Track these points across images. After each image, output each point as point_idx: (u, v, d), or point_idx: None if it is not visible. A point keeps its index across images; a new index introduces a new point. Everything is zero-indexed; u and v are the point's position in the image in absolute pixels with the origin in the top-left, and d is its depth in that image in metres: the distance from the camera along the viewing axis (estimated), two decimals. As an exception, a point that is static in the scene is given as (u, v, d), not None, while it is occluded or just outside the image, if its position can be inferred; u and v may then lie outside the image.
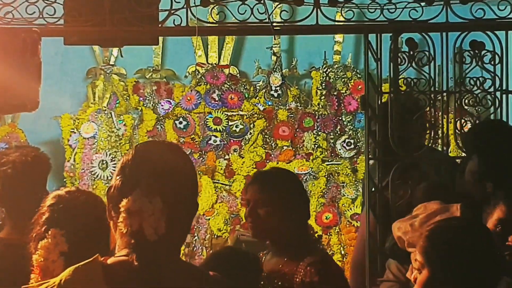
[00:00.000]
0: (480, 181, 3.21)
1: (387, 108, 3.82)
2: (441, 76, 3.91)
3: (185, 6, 3.76)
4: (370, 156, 3.91)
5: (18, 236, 3.67)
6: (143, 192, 2.09)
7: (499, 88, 3.86)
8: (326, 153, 6.31)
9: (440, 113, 3.92)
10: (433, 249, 2.57)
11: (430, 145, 3.87)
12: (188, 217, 2.20)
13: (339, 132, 6.34)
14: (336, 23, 3.92)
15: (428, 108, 3.85)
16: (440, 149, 3.91)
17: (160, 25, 3.81)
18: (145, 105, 6.33)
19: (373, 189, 3.85)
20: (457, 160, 3.87)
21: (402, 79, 3.89)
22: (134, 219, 2.08)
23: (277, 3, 3.86)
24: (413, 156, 3.80)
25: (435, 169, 3.83)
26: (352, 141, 6.27)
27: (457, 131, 3.83)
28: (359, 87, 6.22)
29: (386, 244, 3.42)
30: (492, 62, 3.85)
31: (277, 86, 6.42)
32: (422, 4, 3.83)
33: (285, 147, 6.31)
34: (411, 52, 3.84)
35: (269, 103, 6.40)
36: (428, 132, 3.86)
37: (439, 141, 3.90)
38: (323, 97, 6.37)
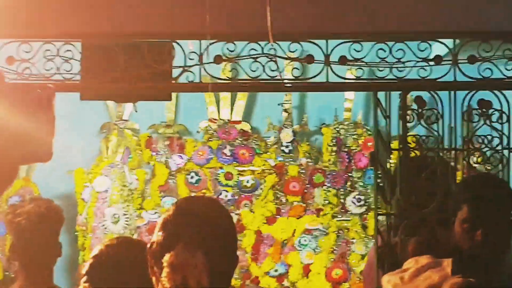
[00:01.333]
0: (469, 230, 3.23)
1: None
2: (449, 134, 3.97)
3: (198, 63, 3.85)
4: (379, 212, 3.96)
5: None
6: (186, 246, 2.17)
7: (507, 146, 3.92)
8: (336, 209, 6.35)
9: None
10: None
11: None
12: (230, 270, 2.27)
13: (349, 188, 6.38)
14: (346, 80, 4.00)
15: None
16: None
17: (173, 81, 3.90)
18: (157, 159, 6.40)
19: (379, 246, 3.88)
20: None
21: (411, 136, 3.95)
22: (177, 273, 2.14)
23: (288, 61, 3.95)
24: (422, 212, 3.84)
25: (446, 228, 3.86)
26: (362, 197, 6.31)
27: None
28: (369, 143, 6.28)
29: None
30: (500, 121, 3.92)
31: (288, 142, 6.49)
32: (431, 63, 3.91)
33: (295, 203, 6.36)
34: (420, 110, 3.91)
35: (280, 159, 6.46)
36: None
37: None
38: (333, 153, 6.43)
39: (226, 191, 6.38)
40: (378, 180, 3.98)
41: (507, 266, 3.43)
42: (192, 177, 6.38)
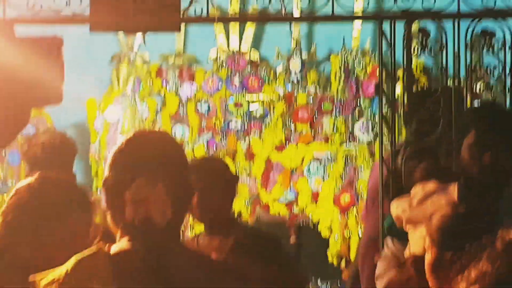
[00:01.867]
0: (476, 154, 3.31)
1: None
2: (453, 64, 4.04)
3: (206, -4, 3.92)
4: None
5: None
6: (146, 180, 2.16)
7: (510, 74, 3.99)
8: (344, 136, 6.44)
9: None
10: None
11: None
12: (188, 200, 2.28)
13: (357, 116, 6.47)
14: (351, 11, 4.05)
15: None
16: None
17: (182, 14, 3.97)
18: (168, 89, 6.49)
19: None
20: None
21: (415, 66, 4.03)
22: (141, 207, 2.14)
23: (294, -7, 4.01)
24: (426, 141, 3.94)
25: (449, 154, 3.95)
26: (370, 124, 6.40)
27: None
28: (377, 72, 6.34)
29: (384, 223, 3.57)
30: (502, 50, 3.98)
31: (297, 71, 6.55)
32: (435, -7, 3.96)
33: (304, 131, 6.46)
34: (424, 40, 3.97)
35: (289, 88, 6.53)
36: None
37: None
38: (341, 82, 6.50)
39: (236, 119, 6.48)
40: (383, 109, 4.07)
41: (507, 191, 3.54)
42: (202, 106, 6.48)
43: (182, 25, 6.09)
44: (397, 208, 3.30)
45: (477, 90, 4.08)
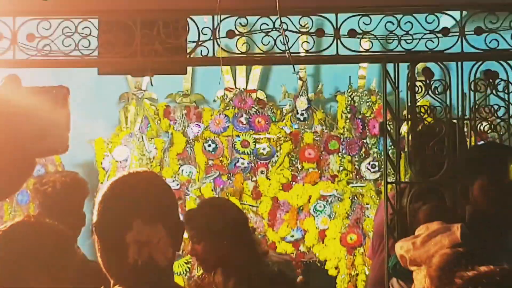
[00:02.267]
0: (491, 194, 3.35)
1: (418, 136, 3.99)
2: (457, 104, 4.07)
3: (211, 38, 3.97)
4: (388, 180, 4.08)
5: None
6: (144, 221, 2.13)
7: (512, 115, 4.03)
8: (351, 175, 6.47)
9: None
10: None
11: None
12: (181, 239, 2.26)
13: (364, 155, 6.50)
14: (355, 53, 4.10)
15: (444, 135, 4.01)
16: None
17: (188, 56, 4.02)
18: (175, 128, 6.54)
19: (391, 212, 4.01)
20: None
21: (419, 107, 4.06)
22: (143, 248, 2.12)
23: (299, 35, 4.06)
24: (430, 180, 3.96)
25: (453, 195, 3.97)
26: (376, 163, 6.43)
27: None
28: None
29: (389, 263, 3.59)
30: (506, 90, 4.02)
31: (303, 110, 6.60)
32: (438, 35, 4.01)
33: (311, 169, 6.49)
34: (428, 81, 4.01)
35: (295, 126, 6.58)
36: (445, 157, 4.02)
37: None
38: (348, 121, 6.54)
39: (243, 158, 6.52)
40: (387, 149, 4.10)
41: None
42: (209, 145, 6.52)
43: (188, 67, 6.19)
44: (401, 248, 3.32)
45: (482, 130, 4.10)
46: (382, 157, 6.39)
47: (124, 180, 2.24)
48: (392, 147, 4.23)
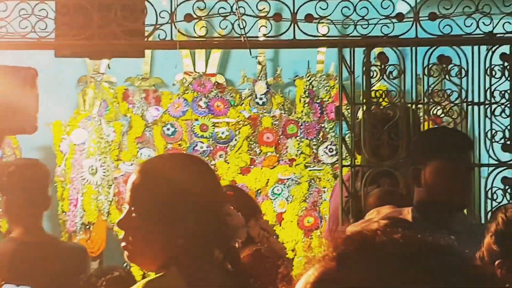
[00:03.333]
0: (441, 177, 3.40)
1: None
2: (411, 88, 4.15)
3: (169, 21, 3.99)
4: (344, 163, 4.14)
5: (34, 238, 3.96)
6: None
7: (465, 100, 4.11)
8: (308, 159, 6.53)
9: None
10: None
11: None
12: None
13: (321, 139, 6.56)
14: (312, 38, 4.14)
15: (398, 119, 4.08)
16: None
17: (145, 39, 4.04)
18: (134, 112, 6.54)
19: (346, 196, 4.07)
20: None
21: (374, 91, 4.12)
22: None
23: (257, 19, 4.09)
24: (384, 164, 4.03)
25: (407, 178, 4.03)
26: (334, 147, 6.49)
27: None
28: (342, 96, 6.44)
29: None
30: (459, 76, 4.10)
31: (262, 94, 6.64)
32: (393, 20, 4.07)
33: (269, 153, 6.54)
34: (382, 66, 4.07)
35: (254, 111, 6.62)
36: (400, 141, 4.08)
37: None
38: (306, 105, 6.59)
39: (202, 142, 6.54)
40: (343, 133, 4.17)
41: (462, 216, 3.63)
42: (168, 129, 6.54)
43: (147, 50, 6.19)
44: (352, 232, 3.38)
45: (436, 114, 4.17)
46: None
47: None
48: (348, 131, 4.28)
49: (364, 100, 4.09)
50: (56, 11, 3.93)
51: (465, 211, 3.81)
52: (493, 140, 4.09)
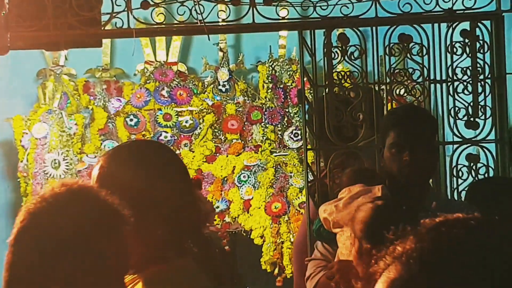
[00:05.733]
0: (396, 153, 3.39)
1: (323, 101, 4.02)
2: (373, 69, 4.12)
3: (126, 9, 3.92)
4: (308, 146, 4.11)
5: None
6: None
7: (427, 78, 4.09)
8: (274, 144, 6.50)
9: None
10: None
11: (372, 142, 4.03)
12: None
13: (286, 124, 6.53)
14: (271, 21, 4.10)
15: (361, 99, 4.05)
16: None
17: (102, 28, 3.96)
18: (95, 104, 6.46)
19: (311, 178, 4.04)
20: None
21: (336, 73, 4.09)
22: None
23: (214, 4, 4.03)
24: (348, 146, 4.00)
25: (372, 159, 4.02)
26: (299, 132, 6.46)
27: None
28: (304, 79, 6.41)
29: (312, 226, 3.63)
30: (420, 54, 4.07)
31: (225, 81, 6.59)
32: (353, 0, 4.03)
33: (234, 140, 6.49)
34: (343, 47, 4.04)
35: (218, 98, 6.56)
36: (363, 122, 4.06)
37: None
38: (269, 90, 6.55)
39: (166, 132, 6.48)
40: (306, 116, 4.13)
41: (432, 194, 3.62)
42: (131, 120, 6.47)
43: (107, 40, 6.11)
44: (325, 211, 3.36)
45: (399, 94, 4.15)
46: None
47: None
48: (312, 114, 4.24)
49: (326, 82, 4.05)
50: (8, 2, 3.84)
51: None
52: (457, 118, 4.08)
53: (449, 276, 0.93)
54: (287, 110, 6.54)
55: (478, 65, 4.05)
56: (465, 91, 4.09)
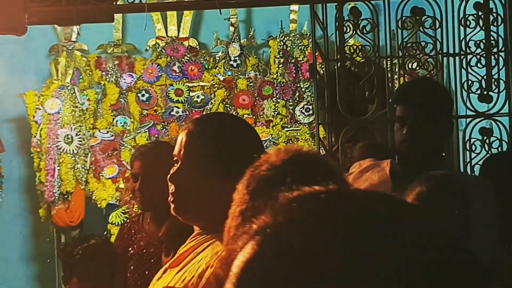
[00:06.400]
0: (400, 127, 3.35)
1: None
2: (385, 42, 4.11)
3: (137, -16, 3.93)
4: (319, 121, 4.12)
5: None
6: None
7: (440, 52, 4.07)
8: (285, 119, 6.50)
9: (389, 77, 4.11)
10: None
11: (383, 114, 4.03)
12: None
13: (297, 99, 6.52)
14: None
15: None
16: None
17: (114, 3, 3.97)
18: (107, 79, 6.47)
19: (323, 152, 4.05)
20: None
21: (348, 47, 4.08)
22: None
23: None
24: (360, 120, 4.01)
25: (383, 133, 4.02)
26: (310, 107, 6.46)
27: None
28: (316, 54, 6.40)
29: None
30: (433, 27, 4.06)
31: (236, 56, 6.58)
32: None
33: (245, 115, 6.49)
34: (355, 21, 4.03)
35: (229, 73, 6.56)
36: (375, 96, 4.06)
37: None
38: (281, 65, 6.55)
39: (177, 107, 6.49)
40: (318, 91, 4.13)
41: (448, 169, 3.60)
42: (143, 95, 6.48)
43: (118, 16, 6.11)
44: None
45: (411, 68, 4.14)
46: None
47: None
48: (323, 88, 4.24)
49: (338, 56, 4.05)
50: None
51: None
52: (470, 91, 4.07)
53: (305, 253, 0.84)
54: (298, 85, 6.53)
55: (492, 38, 4.03)
56: (478, 65, 4.08)
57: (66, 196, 6.24)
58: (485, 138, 4.07)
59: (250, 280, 0.86)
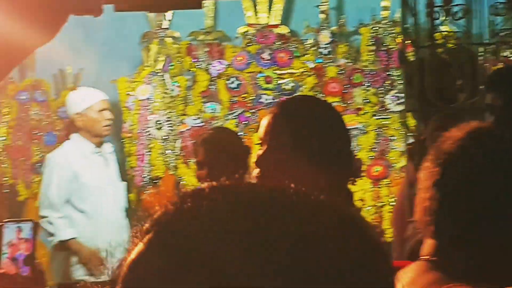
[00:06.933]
0: (489, 115, 3.27)
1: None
2: (478, 29, 4.02)
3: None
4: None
5: None
6: None
7: (534, 38, 3.97)
8: (376, 107, 6.43)
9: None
10: None
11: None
12: None
13: (388, 87, 6.45)
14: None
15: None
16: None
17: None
18: (198, 66, 6.53)
19: (411, 141, 4.00)
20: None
21: (439, 33, 4.01)
22: None
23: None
24: (451, 107, 3.93)
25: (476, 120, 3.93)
26: (401, 95, 6.37)
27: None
28: (406, 41, 6.31)
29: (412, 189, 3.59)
30: (527, 13, 3.96)
31: (327, 44, 6.54)
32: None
33: (335, 103, 6.45)
34: (447, 6, 3.96)
35: (319, 61, 6.53)
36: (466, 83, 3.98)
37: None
38: (372, 53, 6.48)
39: (266, 94, 6.50)
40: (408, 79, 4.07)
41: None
42: (232, 82, 6.51)
43: (210, 3, 6.16)
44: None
45: (503, 55, 4.05)
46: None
47: None
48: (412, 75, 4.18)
49: (429, 43, 3.98)
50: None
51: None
52: None
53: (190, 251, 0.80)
54: (389, 72, 6.46)
55: None
56: None
57: (155, 181, 6.33)
58: None
59: (137, 278, 0.82)
